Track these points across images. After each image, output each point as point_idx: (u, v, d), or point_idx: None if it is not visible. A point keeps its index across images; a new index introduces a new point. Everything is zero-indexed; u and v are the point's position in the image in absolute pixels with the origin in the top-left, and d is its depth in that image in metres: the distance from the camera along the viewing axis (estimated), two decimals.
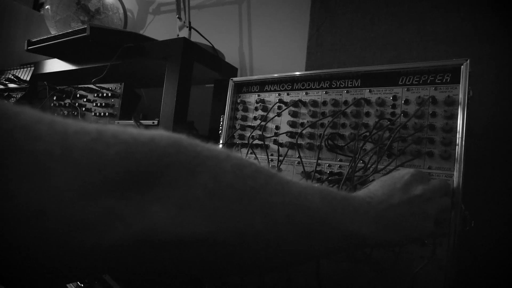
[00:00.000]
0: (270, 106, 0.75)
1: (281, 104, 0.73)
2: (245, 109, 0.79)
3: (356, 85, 0.65)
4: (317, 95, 0.69)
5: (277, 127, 0.72)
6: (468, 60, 0.54)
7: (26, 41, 1.14)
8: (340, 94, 0.67)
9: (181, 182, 0.22)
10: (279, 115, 0.73)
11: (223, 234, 0.24)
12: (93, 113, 1.08)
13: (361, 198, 0.38)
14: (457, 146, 0.53)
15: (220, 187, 0.24)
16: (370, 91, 0.63)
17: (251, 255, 0.27)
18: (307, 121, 0.68)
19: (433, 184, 0.44)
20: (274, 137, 0.72)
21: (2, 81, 1.30)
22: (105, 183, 0.19)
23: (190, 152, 0.24)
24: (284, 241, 0.29)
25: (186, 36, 1.10)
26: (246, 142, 0.73)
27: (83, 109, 1.11)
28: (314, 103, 0.69)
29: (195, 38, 1.09)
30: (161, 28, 1.49)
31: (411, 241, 0.41)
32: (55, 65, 1.22)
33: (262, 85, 0.78)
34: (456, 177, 0.52)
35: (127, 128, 0.22)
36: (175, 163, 0.22)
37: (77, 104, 1.13)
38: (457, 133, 0.53)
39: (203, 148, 0.25)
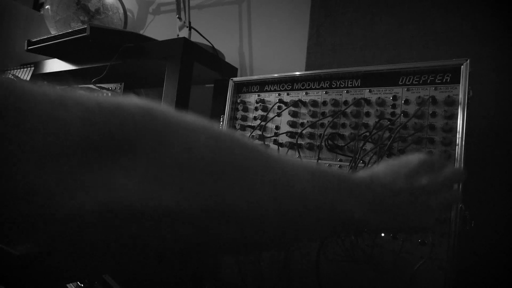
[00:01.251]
0: (270, 106, 0.75)
1: (281, 104, 0.73)
2: (245, 109, 0.79)
3: (356, 85, 0.65)
4: (317, 95, 0.69)
5: (277, 127, 0.72)
6: (468, 60, 0.54)
7: (26, 41, 1.14)
8: (340, 94, 0.67)
9: (150, 153, 0.21)
10: (279, 115, 0.73)
11: (196, 208, 0.22)
12: None
13: (360, 179, 0.35)
14: (457, 146, 0.53)
15: (193, 159, 0.22)
16: (370, 91, 0.63)
17: (232, 232, 0.25)
18: (307, 121, 0.68)
19: (444, 175, 0.39)
20: (274, 137, 0.72)
21: None
22: (64, 150, 0.18)
23: (161, 120, 0.22)
24: (267, 220, 0.27)
25: (186, 36, 1.10)
26: None
27: None
28: (314, 103, 0.69)
29: (195, 38, 1.09)
30: (161, 28, 1.49)
31: (408, 230, 0.40)
32: (55, 65, 1.22)
33: (262, 85, 0.78)
34: None
35: (93, 94, 0.20)
36: (143, 132, 0.21)
37: None
38: (457, 133, 0.53)
39: (176, 118, 0.23)
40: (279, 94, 0.75)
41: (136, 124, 0.21)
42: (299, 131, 0.68)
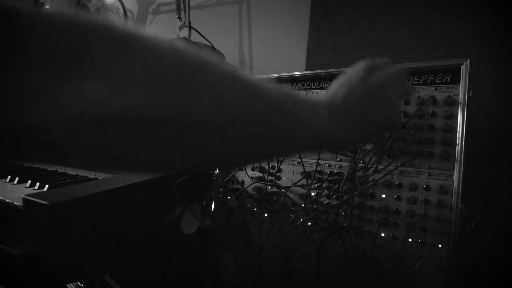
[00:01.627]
0: None
1: None
2: None
3: None
4: (317, 95, 0.69)
5: None
6: (468, 60, 0.54)
7: None
8: None
9: (115, 59, 0.21)
10: None
11: (168, 111, 0.23)
12: None
13: (322, 99, 0.38)
14: (457, 146, 0.53)
15: (160, 64, 0.23)
16: None
17: (208, 139, 0.26)
18: None
19: (389, 70, 0.44)
20: None
21: None
22: (26, 57, 0.19)
23: (123, 29, 0.23)
24: (241, 125, 0.28)
25: (186, 36, 1.10)
26: None
27: None
28: None
29: (195, 38, 1.09)
30: (161, 28, 1.49)
31: (382, 130, 0.43)
32: None
33: None
34: (456, 177, 0.52)
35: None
36: (106, 38, 0.21)
37: None
38: (457, 133, 0.53)
39: (138, 29, 0.24)
40: None
41: (97, 30, 0.21)
42: None
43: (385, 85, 0.42)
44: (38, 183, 0.63)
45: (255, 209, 0.70)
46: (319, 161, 0.65)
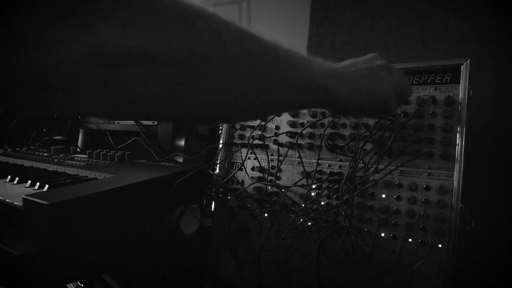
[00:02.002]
0: None
1: None
2: None
3: None
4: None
5: (277, 127, 0.72)
6: (468, 60, 0.54)
7: None
8: None
9: (120, 6, 0.24)
10: (279, 115, 0.73)
11: (172, 49, 0.26)
12: None
13: (326, 62, 0.42)
14: (457, 146, 0.53)
15: (160, 9, 0.26)
16: None
17: (210, 78, 0.29)
18: (307, 121, 0.68)
19: (394, 67, 0.49)
20: (274, 137, 0.72)
21: None
22: (42, 2, 0.22)
23: None
24: (239, 64, 0.30)
25: None
26: (246, 142, 0.73)
27: None
28: None
29: None
30: None
31: (376, 105, 0.45)
32: None
33: None
34: (456, 177, 0.52)
35: None
36: None
37: None
38: (457, 133, 0.53)
39: None
40: None
41: None
42: (299, 131, 0.68)
43: (387, 69, 0.47)
44: (38, 183, 0.63)
45: (257, 210, 0.70)
46: (319, 161, 0.65)
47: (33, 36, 0.22)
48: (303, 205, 0.65)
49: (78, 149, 1.10)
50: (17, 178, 0.67)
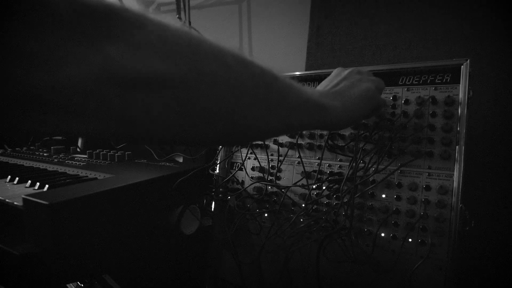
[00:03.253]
0: None
1: None
2: None
3: None
4: None
5: None
6: (468, 60, 0.54)
7: None
8: None
9: (131, 29, 0.25)
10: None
11: (181, 71, 0.27)
12: None
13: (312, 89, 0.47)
14: (457, 146, 0.53)
15: (168, 35, 0.27)
16: None
17: (216, 99, 0.30)
18: None
19: (368, 74, 0.54)
20: (274, 137, 0.72)
21: None
22: (53, 21, 0.22)
23: (135, 11, 0.27)
24: (244, 86, 0.32)
25: None
26: None
27: None
28: None
29: None
30: None
31: (368, 105, 0.49)
32: None
33: None
34: (456, 177, 0.52)
35: None
36: (123, 13, 0.25)
37: None
38: (457, 133, 0.53)
39: (146, 12, 0.28)
40: None
41: (116, 8, 0.25)
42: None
43: (360, 73, 0.52)
44: (38, 183, 0.63)
45: (256, 209, 0.70)
46: (320, 161, 0.65)
47: (41, 57, 0.22)
48: (303, 205, 0.65)
49: (78, 149, 1.10)
50: (17, 178, 0.67)
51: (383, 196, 0.58)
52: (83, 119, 0.25)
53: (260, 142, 0.73)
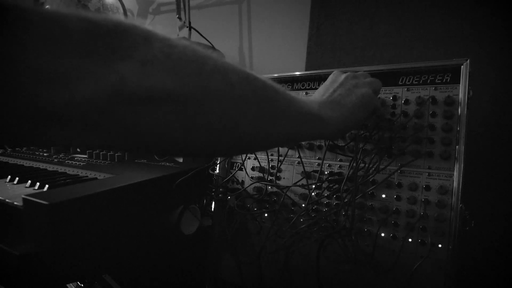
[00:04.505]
0: None
1: None
2: None
3: None
4: None
5: None
6: (468, 60, 0.54)
7: None
8: None
9: (139, 46, 0.26)
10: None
11: (187, 88, 0.28)
12: None
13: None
14: (457, 146, 0.53)
15: (175, 51, 0.28)
16: None
17: (221, 114, 0.31)
18: None
19: (365, 77, 0.54)
20: None
21: None
22: (70, 43, 0.23)
23: (142, 28, 0.28)
24: (248, 101, 0.33)
25: (186, 36, 1.10)
26: None
27: None
28: None
29: (195, 38, 1.09)
30: (161, 28, 1.49)
31: (366, 110, 0.49)
32: None
33: None
34: (456, 177, 0.52)
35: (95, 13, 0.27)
36: (131, 30, 0.27)
37: None
38: (457, 133, 0.53)
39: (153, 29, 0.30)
40: None
41: (125, 25, 0.27)
42: None
43: (355, 77, 0.52)
44: (38, 183, 0.63)
45: (255, 209, 0.70)
46: (320, 161, 0.65)
47: (59, 74, 0.23)
48: (303, 205, 0.65)
49: (78, 149, 1.10)
50: (17, 178, 0.67)
51: (383, 196, 0.58)
52: (95, 134, 0.26)
53: None
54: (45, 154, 1.00)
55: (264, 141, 0.39)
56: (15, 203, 0.53)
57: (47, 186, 0.61)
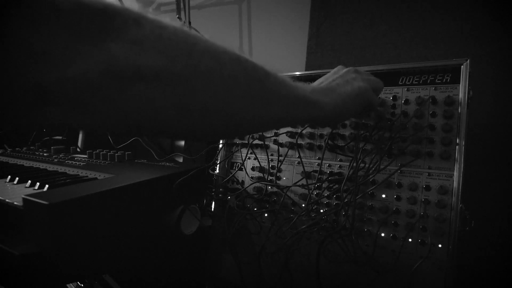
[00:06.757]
0: None
1: None
2: None
3: None
4: None
5: None
6: (468, 60, 0.54)
7: None
8: None
9: (130, 27, 0.27)
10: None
11: (177, 67, 0.28)
12: None
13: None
14: (457, 146, 0.53)
15: (165, 32, 0.29)
16: None
17: (211, 94, 0.31)
18: None
19: (367, 74, 0.55)
20: (274, 137, 0.72)
21: None
22: (58, 21, 0.24)
23: (133, 10, 0.28)
24: (237, 81, 0.33)
25: None
26: (246, 142, 0.73)
27: None
28: None
29: None
30: None
31: (359, 102, 0.49)
32: None
33: None
34: (456, 177, 0.52)
35: None
36: (123, 12, 0.27)
37: None
38: (457, 133, 0.53)
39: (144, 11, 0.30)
40: None
41: (116, 7, 0.27)
42: (299, 131, 0.68)
43: (356, 72, 0.52)
44: (38, 183, 0.63)
45: (255, 209, 0.70)
46: (319, 161, 0.65)
47: (50, 54, 0.23)
48: (303, 205, 0.65)
49: (78, 149, 1.10)
50: (17, 178, 0.67)
51: (383, 196, 0.58)
52: (87, 112, 0.26)
53: (260, 142, 0.73)
54: (45, 154, 1.00)
55: (254, 123, 0.39)
56: (15, 203, 0.53)
57: (47, 186, 0.61)
